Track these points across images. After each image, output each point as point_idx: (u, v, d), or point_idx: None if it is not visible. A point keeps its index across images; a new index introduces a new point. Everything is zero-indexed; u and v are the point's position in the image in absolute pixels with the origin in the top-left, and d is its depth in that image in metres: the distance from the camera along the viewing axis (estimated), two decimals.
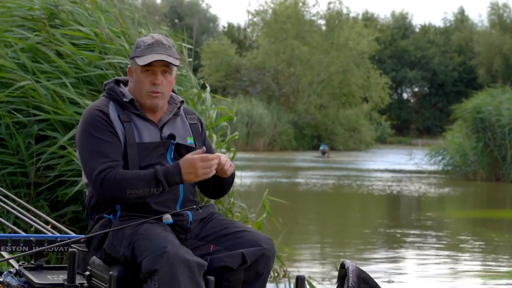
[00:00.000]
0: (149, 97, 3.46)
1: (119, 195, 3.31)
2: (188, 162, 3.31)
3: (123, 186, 3.28)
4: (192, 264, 3.16)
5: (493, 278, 9.29)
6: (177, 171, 3.31)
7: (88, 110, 3.49)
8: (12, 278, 3.69)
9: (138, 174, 3.32)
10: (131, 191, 3.29)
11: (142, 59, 3.43)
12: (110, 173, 3.30)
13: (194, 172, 3.31)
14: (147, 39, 3.48)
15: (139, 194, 3.30)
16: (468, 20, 77.17)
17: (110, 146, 3.37)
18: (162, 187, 3.31)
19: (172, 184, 3.33)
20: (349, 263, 3.42)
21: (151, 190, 3.30)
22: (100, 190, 3.31)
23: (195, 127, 3.61)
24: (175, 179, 3.32)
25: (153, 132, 3.47)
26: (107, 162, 3.33)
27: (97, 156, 3.34)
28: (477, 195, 22.95)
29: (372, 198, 19.63)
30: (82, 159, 3.42)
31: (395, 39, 74.27)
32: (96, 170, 3.31)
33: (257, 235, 3.41)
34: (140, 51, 3.46)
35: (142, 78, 3.46)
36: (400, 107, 73.43)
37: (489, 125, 26.33)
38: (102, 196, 3.35)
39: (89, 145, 3.38)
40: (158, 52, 3.44)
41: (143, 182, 3.29)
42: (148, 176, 3.30)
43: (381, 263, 9.98)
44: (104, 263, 3.39)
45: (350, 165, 33.77)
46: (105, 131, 3.39)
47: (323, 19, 58.96)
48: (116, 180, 3.29)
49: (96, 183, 3.31)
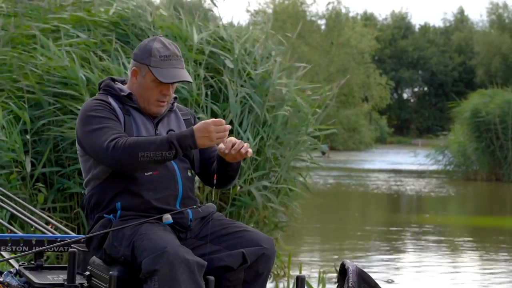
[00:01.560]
0: (156, 106, 3.48)
1: (131, 159, 3.26)
2: (202, 126, 3.28)
3: (135, 149, 3.25)
4: (192, 264, 3.16)
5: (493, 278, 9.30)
6: (190, 135, 3.27)
7: (86, 103, 3.49)
8: (12, 278, 3.69)
9: (150, 138, 3.31)
10: (143, 153, 3.25)
11: (162, 75, 3.40)
12: (122, 139, 3.28)
13: (208, 136, 3.26)
14: (162, 49, 3.44)
15: (151, 157, 3.26)
16: (468, 20, 77.19)
17: (115, 123, 3.38)
18: (175, 150, 3.27)
19: (186, 149, 3.29)
20: (349, 263, 3.42)
21: (163, 153, 3.26)
22: (113, 154, 3.26)
23: (188, 122, 3.61)
24: (188, 142, 3.27)
25: (148, 128, 3.48)
26: (116, 134, 3.32)
27: (105, 130, 3.33)
28: (477, 195, 22.96)
29: (372, 198, 19.63)
30: (88, 140, 3.37)
31: (395, 39, 74.28)
32: (107, 140, 3.29)
33: (257, 235, 3.41)
34: (156, 61, 3.42)
35: (152, 86, 3.45)
36: (400, 107, 73.43)
37: (492, 125, 26.35)
38: (114, 161, 3.29)
39: (94, 125, 3.36)
40: (176, 66, 3.43)
41: (155, 144, 3.26)
42: (160, 139, 3.28)
43: (381, 263, 9.98)
44: (104, 263, 3.39)
45: (350, 165, 33.78)
46: (107, 112, 3.40)
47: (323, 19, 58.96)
48: (128, 143, 3.26)
49: (108, 149, 3.27)
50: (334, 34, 55.64)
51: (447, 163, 28.42)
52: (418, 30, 78.19)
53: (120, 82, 3.59)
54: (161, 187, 3.41)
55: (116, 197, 3.40)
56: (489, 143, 26.60)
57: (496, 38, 64.84)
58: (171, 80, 3.41)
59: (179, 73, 3.44)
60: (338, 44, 54.89)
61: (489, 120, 26.41)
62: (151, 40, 3.50)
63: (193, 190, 3.56)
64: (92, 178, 3.45)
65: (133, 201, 3.38)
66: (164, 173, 3.40)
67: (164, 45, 3.46)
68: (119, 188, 3.39)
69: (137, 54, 3.49)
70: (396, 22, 77.18)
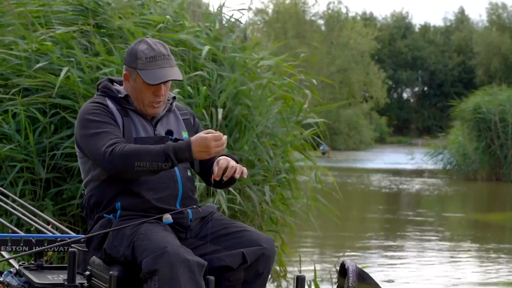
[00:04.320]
0: (151, 107, 3.48)
1: (127, 167, 3.28)
2: (201, 140, 3.28)
3: (132, 158, 3.27)
4: (192, 264, 3.16)
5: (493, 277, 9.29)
6: (187, 148, 3.28)
7: (85, 105, 3.50)
8: (12, 278, 3.69)
9: (148, 147, 3.32)
10: (139, 163, 3.27)
11: (149, 76, 3.40)
12: (119, 146, 3.29)
13: (207, 151, 3.29)
14: (147, 50, 3.43)
15: (147, 167, 3.28)
16: (469, 19, 77.16)
17: (113, 128, 3.38)
18: (171, 162, 3.29)
19: (182, 161, 3.32)
20: (349, 263, 3.42)
21: (159, 164, 3.28)
22: (110, 160, 3.28)
23: (187, 122, 3.62)
24: (185, 155, 3.29)
25: (147, 129, 3.48)
26: (114, 139, 3.33)
27: (103, 135, 3.34)
28: (477, 195, 22.95)
29: (372, 198, 19.63)
30: (87, 144, 3.39)
31: (394, 39, 74.28)
32: (105, 145, 3.30)
33: (257, 235, 3.42)
34: (142, 64, 3.42)
35: (144, 89, 3.45)
36: (400, 107, 73.43)
37: (493, 125, 26.35)
38: (110, 168, 3.31)
39: (93, 129, 3.37)
40: (162, 66, 3.43)
41: (152, 155, 3.28)
42: (157, 150, 3.29)
43: (381, 263, 9.98)
44: (104, 263, 3.39)
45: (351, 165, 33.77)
46: (105, 116, 3.41)
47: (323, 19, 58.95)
48: (125, 151, 3.27)
49: (105, 155, 3.29)
50: (334, 34, 55.66)
51: (447, 162, 28.41)
52: (418, 30, 78.18)
53: (118, 83, 3.60)
54: (161, 187, 3.41)
55: (116, 197, 3.40)
56: (489, 143, 26.60)
57: (496, 38, 64.86)
58: (158, 81, 3.41)
59: (167, 73, 3.43)
60: (338, 44, 54.89)
61: (489, 118, 26.40)
62: (137, 42, 3.50)
63: (194, 190, 3.56)
64: (92, 179, 3.46)
65: (133, 201, 3.38)
66: (164, 173, 3.40)
67: (150, 45, 3.45)
68: (119, 188, 3.39)
69: (126, 59, 3.50)
70: (396, 22, 77.18)
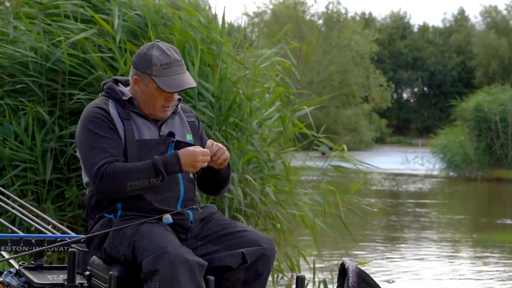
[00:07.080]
0: (161, 111, 3.48)
1: (119, 189, 3.31)
2: (190, 154, 3.34)
3: (123, 180, 3.29)
4: (192, 264, 3.16)
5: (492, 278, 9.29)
6: (176, 161, 3.34)
7: (87, 108, 3.49)
8: (12, 278, 3.69)
9: (137, 165, 3.33)
10: (131, 183, 3.30)
11: (165, 84, 3.39)
12: (109, 167, 3.30)
13: (194, 165, 3.35)
14: (161, 56, 3.42)
15: (139, 185, 3.32)
16: (468, 20, 77.13)
17: (110, 142, 3.38)
18: (161, 177, 3.33)
19: (172, 173, 3.36)
20: (349, 263, 3.42)
21: (151, 180, 3.32)
22: (100, 185, 3.31)
23: (193, 125, 3.62)
24: (175, 168, 3.35)
25: (152, 130, 3.48)
26: (107, 157, 3.33)
27: (97, 151, 3.35)
28: (477, 195, 22.94)
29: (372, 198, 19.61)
30: (82, 155, 3.42)
31: (394, 39, 74.25)
32: (96, 166, 3.32)
33: (257, 235, 3.42)
34: (157, 70, 3.40)
35: (157, 94, 3.44)
36: (400, 107, 73.40)
37: (493, 125, 26.35)
38: (102, 191, 3.34)
39: (89, 142, 3.38)
40: (178, 73, 3.42)
41: (142, 173, 3.31)
42: (146, 167, 3.32)
43: (381, 263, 9.98)
44: (104, 263, 3.39)
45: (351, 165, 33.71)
46: (105, 127, 3.40)
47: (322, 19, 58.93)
48: (115, 173, 3.29)
49: (96, 178, 3.31)
50: (334, 34, 55.63)
51: (447, 162, 28.41)
52: (417, 30, 78.15)
53: (123, 83, 3.59)
54: (163, 189, 3.42)
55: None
56: (490, 143, 26.59)
57: (494, 40, 64.85)
58: (176, 89, 3.42)
59: (183, 80, 3.44)
60: (337, 45, 54.86)
61: (490, 118, 26.40)
62: (149, 47, 3.47)
63: (195, 192, 3.57)
64: None
65: (134, 202, 3.39)
66: None
67: (163, 51, 3.44)
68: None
69: (136, 63, 3.47)
70: (395, 22, 77.14)
